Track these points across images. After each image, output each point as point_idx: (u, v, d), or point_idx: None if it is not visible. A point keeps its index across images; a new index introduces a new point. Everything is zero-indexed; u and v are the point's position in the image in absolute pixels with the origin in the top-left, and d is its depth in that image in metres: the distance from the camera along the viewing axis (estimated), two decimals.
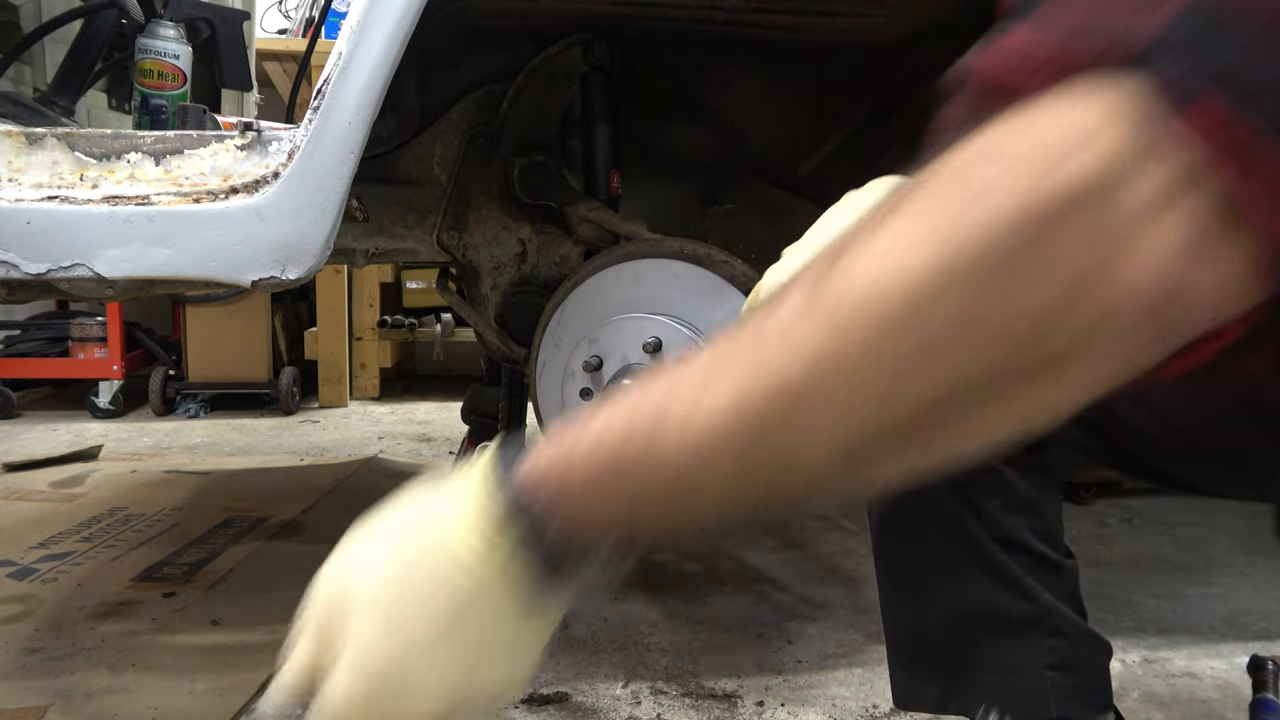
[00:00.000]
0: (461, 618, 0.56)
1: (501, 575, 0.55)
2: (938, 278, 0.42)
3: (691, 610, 1.82)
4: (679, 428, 0.49)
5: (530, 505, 0.54)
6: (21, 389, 3.77)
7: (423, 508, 0.60)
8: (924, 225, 0.43)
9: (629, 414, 0.51)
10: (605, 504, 0.53)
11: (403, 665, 0.56)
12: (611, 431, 0.52)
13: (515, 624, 0.57)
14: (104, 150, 1.16)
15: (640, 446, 0.50)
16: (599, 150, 1.65)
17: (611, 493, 0.52)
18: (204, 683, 1.48)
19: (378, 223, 1.71)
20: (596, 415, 0.53)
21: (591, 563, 0.56)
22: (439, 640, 0.56)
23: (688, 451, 0.49)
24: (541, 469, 0.54)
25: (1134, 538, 2.29)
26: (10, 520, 2.26)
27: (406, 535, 0.60)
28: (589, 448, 0.52)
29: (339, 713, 0.57)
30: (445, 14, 1.21)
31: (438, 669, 0.56)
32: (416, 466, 2.87)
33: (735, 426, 0.47)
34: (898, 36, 1.66)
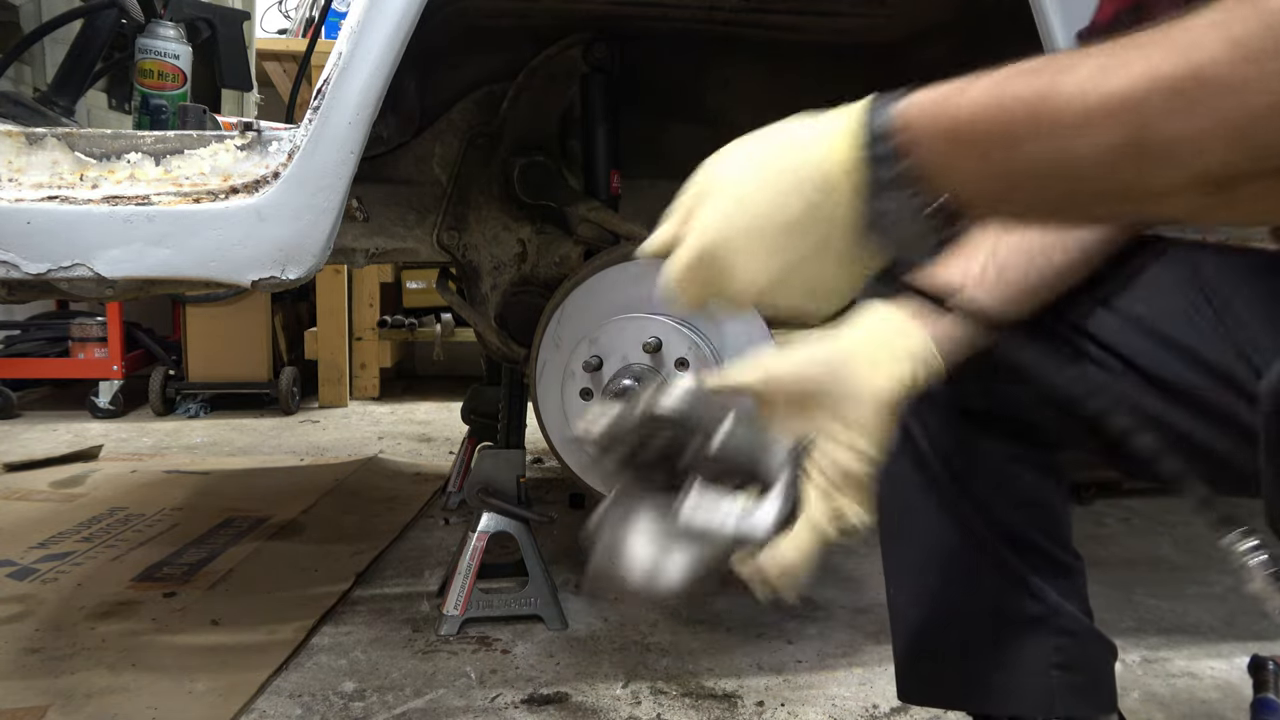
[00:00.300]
0: (801, 219, 0.61)
1: (850, 194, 0.60)
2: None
3: (691, 610, 1.82)
4: (1075, 96, 0.51)
5: (895, 136, 0.59)
6: (21, 389, 3.77)
7: (797, 124, 0.65)
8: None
9: (1016, 83, 0.54)
10: (966, 162, 0.57)
11: (736, 246, 0.63)
12: (996, 95, 0.55)
13: (843, 245, 0.61)
14: (104, 150, 1.16)
15: (1024, 114, 0.53)
16: (599, 150, 1.65)
17: (977, 153, 0.56)
18: (204, 683, 1.48)
19: (378, 223, 1.71)
20: (977, 80, 0.56)
21: (920, 216, 0.59)
22: (775, 233, 0.62)
23: (1076, 122, 0.51)
24: (917, 111, 0.59)
25: (1134, 538, 2.29)
26: (10, 520, 2.26)
27: (778, 139, 0.65)
28: (971, 107, 0.56)
29: (672, 277, 0.65)
30: (445, 14, 1.21)
31: (766, 257, 0.63)
32: (416, 466, 2.87)
33: (1139, 101, 0.49)
34: (898, 36, 1.66)
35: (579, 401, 1.48)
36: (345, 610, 1.78)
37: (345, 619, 1.75)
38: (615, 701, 1.47)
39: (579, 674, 1.55)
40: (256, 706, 1.43)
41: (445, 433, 3.35)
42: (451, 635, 1.67)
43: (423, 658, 1.60)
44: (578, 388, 1.47)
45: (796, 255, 0.63)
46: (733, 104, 1.82)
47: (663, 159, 1.87)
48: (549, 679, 1.53)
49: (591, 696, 1.48)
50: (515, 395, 1.87)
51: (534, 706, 1.45)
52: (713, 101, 1.82)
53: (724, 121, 1.84)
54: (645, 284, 1.40)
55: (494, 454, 1.75)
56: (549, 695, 1.48)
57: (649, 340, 1.41)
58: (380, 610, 1.79)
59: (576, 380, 1.47)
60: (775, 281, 0.64)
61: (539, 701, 1.46)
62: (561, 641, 1.67)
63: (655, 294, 0.70)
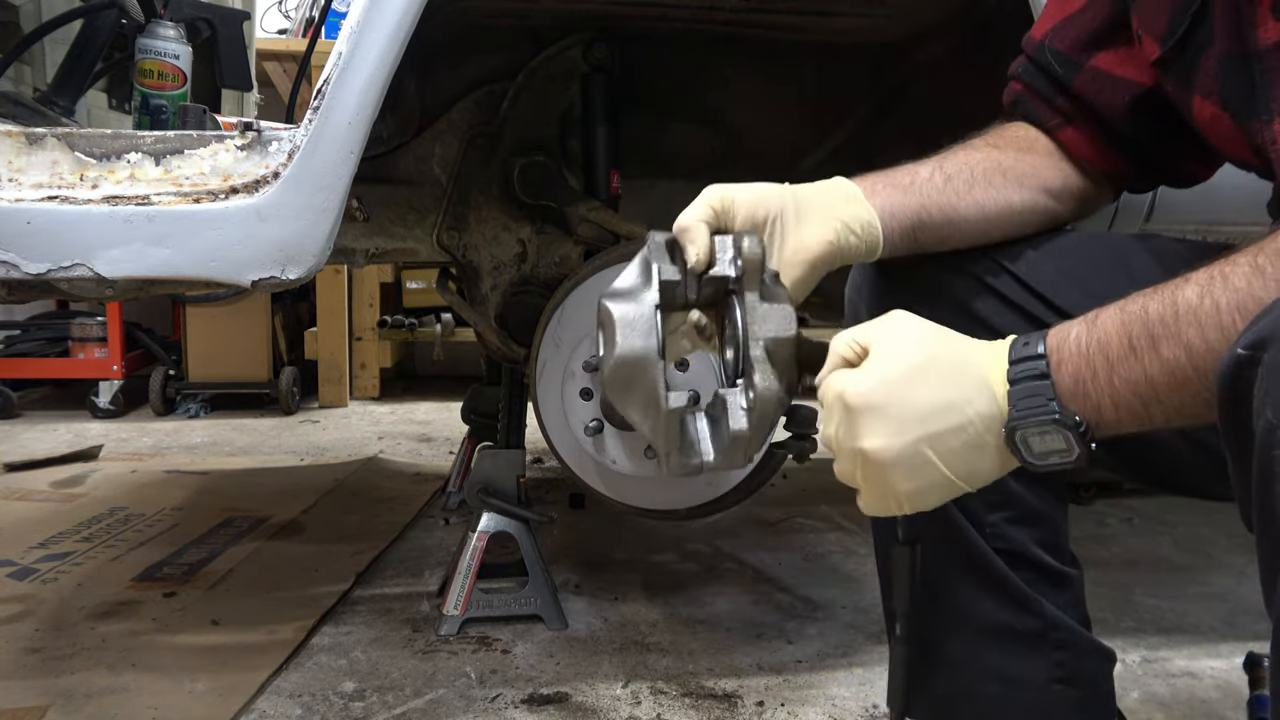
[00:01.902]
0: (954, 410, 0.71)
1: (995, 403, 0.70)
2: None
3: (691, 610, 1.82)
4: (1186, 355, 0.64)
5: (1044, 355, 0.69)
6: (21, 389, 3.77)
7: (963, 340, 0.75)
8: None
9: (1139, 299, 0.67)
10: (1103, 374, 0.67)
11: (893, 402, 0.71)
12: (1127, 318, 0.67)
13: (993, 453, 0.71)
14: (104, 150, 1.16)
15: (1156, 317, 0.66)
16: (599, 150, 1.65)
17: (1115, 370, 0.67)
18: (204, 683, 1.48)
19: (378, 223, 1.71)
20: (1110, 307, 0.69)
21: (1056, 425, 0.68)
22: (930, 415, 0.71)
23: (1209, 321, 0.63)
24: (1063, 338, 0.70)
25: (1134, 538, 2.29)
26: (10, 520, 2.26)
27: (953, 342, 0.74)
28: (1106, 325, 0.68)
29: (846, 391, 0.73)
30: (445, 14, 1.21)
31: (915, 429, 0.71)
32: (416, 466, 2.87)
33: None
34: (898, 36, 1.66)
35: (579, 401, 1.48)
36: (345, 610, 1.78)
37: (345, 619, 1.75)
38: (615, 701, 1.47)
39: (579, 674, 1.55)
40: (256, 706, 1.43)
41: (445, 433, 3.35)
42: (451, 635, 1.67)
43: (423, 658, 1.60)
44: (578, 388, 1.47)
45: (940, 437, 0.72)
46: (733, 104, 1.83)
47: (663, 159, 1.87)
48: (549, 679, 1.53)
49: (591, 696, 1.48)
50: (515, 395, 1.87)
51: (534, 706, 1.45)
52: (713, 101, 1.82)
53: (724, 121, 1.84)
54: None
55: (494, 454, 1.75)
56: (549, 695, 1.48)
57: None
58: (380, 610, 1.79)
59: (576, 380, 1.47)
60: (920, 456, 0.72)
61: (539, 701, 1.46)
62: (561, 641, 1.67)
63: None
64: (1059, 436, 0.68)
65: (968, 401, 0.70)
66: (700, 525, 2.24)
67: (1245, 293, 0.61)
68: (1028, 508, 0.99)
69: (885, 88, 1.79)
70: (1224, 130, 0.86)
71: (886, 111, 1.81)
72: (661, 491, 1.50)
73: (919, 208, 0.93)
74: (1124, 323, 0.67)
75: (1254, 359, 0.55)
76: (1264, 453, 0.54)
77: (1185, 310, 0.64)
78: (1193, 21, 0.84)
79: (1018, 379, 0.69)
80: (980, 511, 0.98)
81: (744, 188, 0.87)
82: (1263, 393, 0.54)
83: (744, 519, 2.33)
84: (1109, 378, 0.67)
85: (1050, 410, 0.68)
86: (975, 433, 0.70)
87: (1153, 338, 0.65)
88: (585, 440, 1.47)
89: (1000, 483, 0.98)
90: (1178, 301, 0.64)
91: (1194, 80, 0.86)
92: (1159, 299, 0.66)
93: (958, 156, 0.97)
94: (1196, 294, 0.64)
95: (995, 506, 0.97)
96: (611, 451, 1.46)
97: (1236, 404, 0.57)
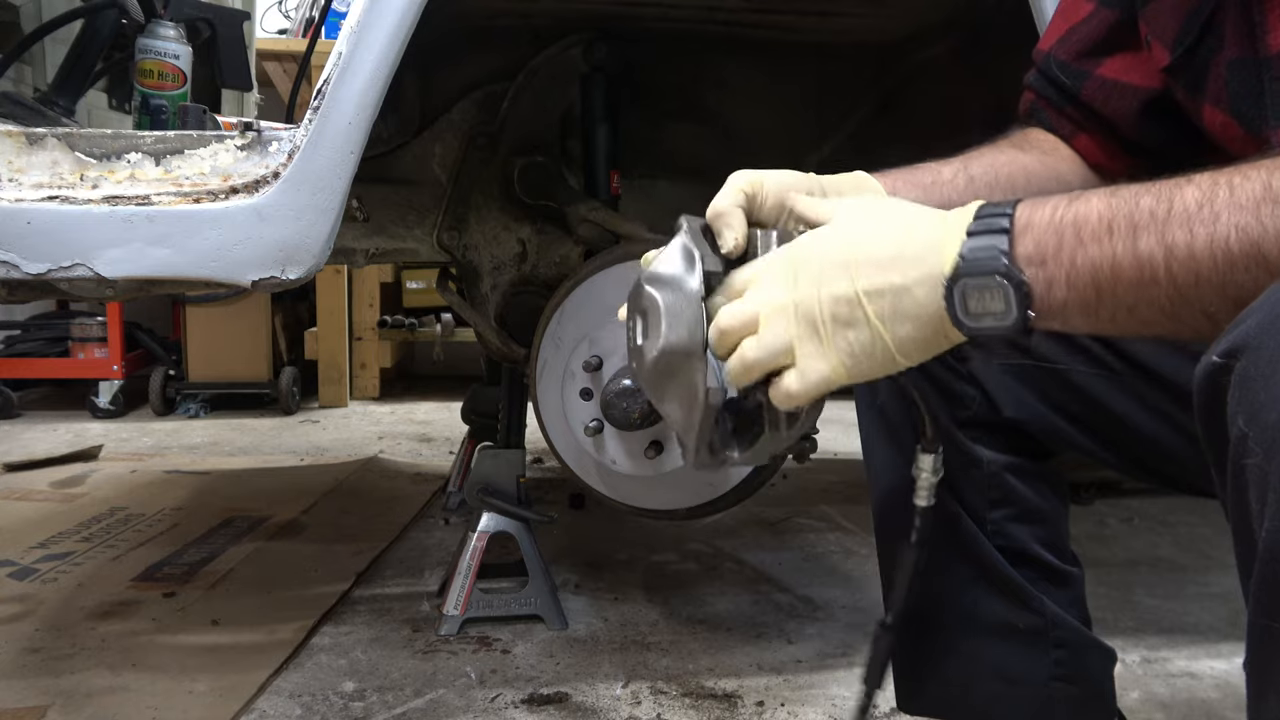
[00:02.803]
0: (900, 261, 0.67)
1: (954, 252, 0.65)
2: None
3: (691, 610, 1.82)
4: (1164, 253, 0.59)
5: (1011, 223, 0.64)
6: (21, 389, 3.77)
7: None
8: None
9: (1131, 220, 0.61)
10: (1075, 284, 0.62)
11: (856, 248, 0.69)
12: (1115, 203, 0.62)
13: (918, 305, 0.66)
14: (104, 150, 1.16)
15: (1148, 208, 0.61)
16: (599, 150, 1.65)
17: (1080, 251, 0.62)
18: (204, 683, 1.48)
19: (378, 223, 1.71)
20: (1096, 197, 0.64)
21: (1003, 290, 0.64)
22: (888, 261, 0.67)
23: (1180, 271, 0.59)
24: (1029, 210, 0.65)
25: (1134, 538, 2.29)
26: (10, 520, 2.26)
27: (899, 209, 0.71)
28: (1088, 212, 0.63)
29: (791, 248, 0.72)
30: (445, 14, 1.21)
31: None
32: (416, 466, 2.87)
33: (1216, 268, 0.58)
34: (898, 36, 1.66)
35: (579, 401, 1.48)
36: (345, 610, 1.78)
37: (345, 619, 1.75)
38: (615, 701, 1.47)
39: (579, 674, 1.55)
40: (256, 706, 1.43)
41: (445, 433, 3.35)
42: (451, 635, 1.67)
43: (423, 658, 1.60)
44: (578, 388, 1.47)
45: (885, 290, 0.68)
46: (733, 104, 1.82)
47: (663, 159, 1.87)
48: (549, 679, 1.53)
49: (591, 696, 1.48)
50: (515, 395, 1.87)
51: (534, 706, 1.45)
52: (712, 101, 1.82)
53: (724, 121, 1.84)
54: None
55: (494, 454, 1.75)
56: (549, 695, 1.48)
57: None
58: (380, 610, 1.79)
59: (576, 380, 1.47)
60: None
61: (539, 701, 1.46)
62: (561, 641, 1.67)
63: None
64: (999, 295, 0.63)
65: (916, 254, 0.67)
66: (700, 525, 2.24)
67: (1250, 211, 0.57)
68: (1029, 505, 0.99)
69: (885, 88, 1.79)
70: (1235, 137, 0.86)
71: (887, 111, 1.81)
72: (661, 491, 1.50)
73: (939, 207, 0.92)
74: (1110, 205, 0.62)
75: (1227, 367, 0.53)
76: (1236, 461, 0.53)
77: (1180, 210, 0.59)
78: (1203, 29, 0.84)
79: (975, 232, 0.65)
80: (981, 508, 0.98)
81: (773, 173, 0.85)
82: (1234, 401, 0.53)
83: (744, 519, 2.33)
84: (1073, 253, 0.62)
85: (999, 263, 0.63)
86: (929, 286, 0.66)
87: (1134, 226, 0.61)
88: (585, 440, 1.47)
89: (1001, 479, 0.98)
90: (1173, 200, 0.60)
91: (1204, 87, 0.86)
92: (1154, 193, 0.61)
93: (983, 158, 0.96)
94: (1196, 198, 0.59)
95: (996, 504, 0.98)
96: (611, 451, 1.46)
97: (1212, 412, 0.55)
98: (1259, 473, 0.51)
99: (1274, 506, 0.50)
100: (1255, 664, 0.55)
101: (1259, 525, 0.52)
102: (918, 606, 1.04)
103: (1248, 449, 0.52)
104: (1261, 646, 0.54)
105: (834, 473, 2.78)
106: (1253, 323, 0.53)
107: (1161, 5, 0.89)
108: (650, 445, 1.42)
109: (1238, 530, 0.55)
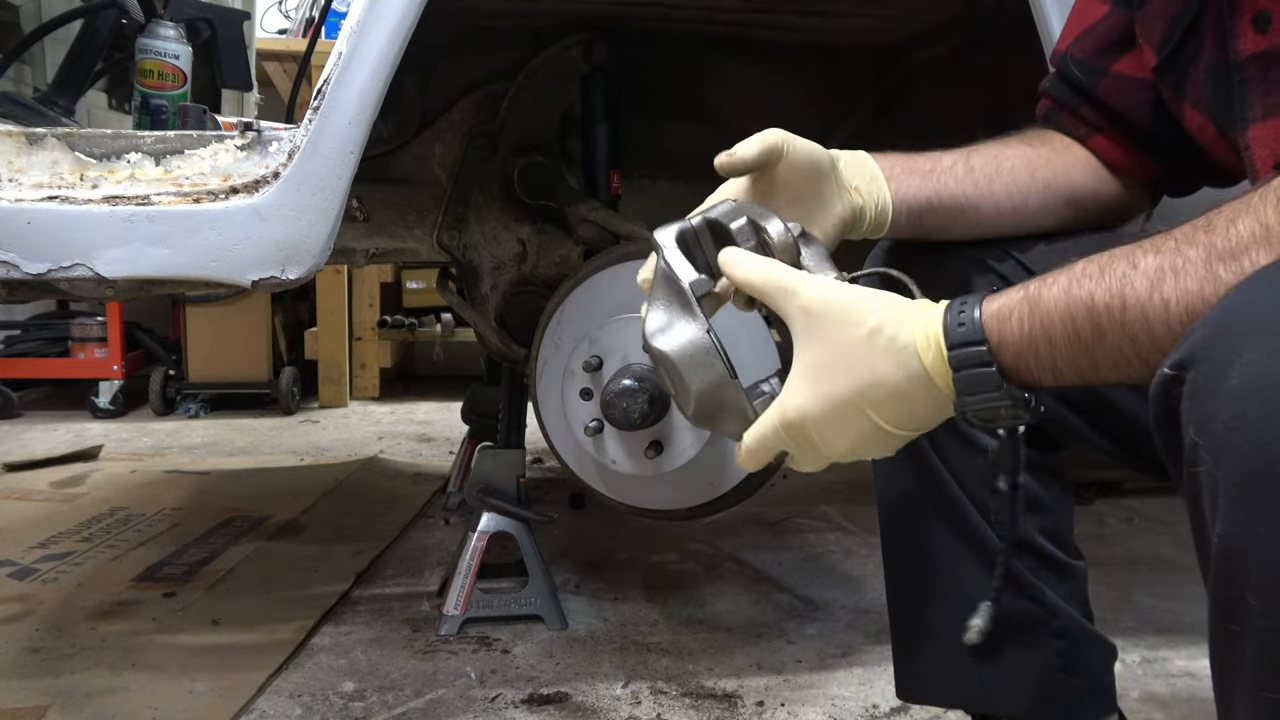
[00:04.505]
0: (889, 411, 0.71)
1: (935, 387, 0.69)
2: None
3: (691, 610, 1.82)
4: (1132, 347, 0.64)
5: (984, 340, 0.68)
6: (21, 389, 3.77)
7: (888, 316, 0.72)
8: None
9: (1089, 293, 0.65)
10: (1048, 358, 0.67)
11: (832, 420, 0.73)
12: (1072, 304, 0.66)
13: (925, 416, 0.72)
14: (104, 150, 1.16)
15: (1105, 310, 0.64)
16: (599, 150, 1.65)
17: (1057, 352, 0.66)
18: (204, 683, 1.48)
19: (378, 223, 1.71)
20: (1050, 283, 0.67)
21: (1002, 402, 0.68)
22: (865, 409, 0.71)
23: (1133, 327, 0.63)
24: (1004, 319, 0.68)
25: (1134, 538, 2.29)
26: (10, 520, 2.26)
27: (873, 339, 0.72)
28: (1052, 312, 0.66)
29: (785, 414, 0.74)
30: (445, 14, 1.21)
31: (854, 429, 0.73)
32: (416, 466, 2.87)
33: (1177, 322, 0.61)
34: (898, 36, 1.66)
35: (579, 401, 1.48)
36: (345, 610, 1.78)
37: (345, 619, 1.75)
38: (615, 701, 1.47)
39: (579, 674, 1.55)
40: (256, 706, 1.43)
41: (445, 433, 3.35)
42: (451, 635, 1.67)
43: (423, 658, 1.60)
44: (578, 388, 1.47)
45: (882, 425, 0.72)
46: (732, 104, 1.82)
47: (663, 159, 1.87)
48: (549, 679, 1.53)
49: (591, 696, 1.48)
50: (515, 395, 1.87)
51: (534, 706, 1.45)
52: (712, 101, 1.82)
53: (724, 121, 1.84)
54: None
55: (494, 454, 1.75)
56: (549, 695, 1.48)
57: None
58: (380, 610, 1.79)
59: (576, 380, 1.47)
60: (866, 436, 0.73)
61: (539, 701, 1.46)
62: (561, 641, 1.67)
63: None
64: (1007, 411, 0.69)
65: (904, 383, 0.70)
66: (700, 525, 2.24)
67: (1196, 295, 0.61)
68: (1033, 495, 0.99)
69: (886, 88, 1.79)
70: (1210, 137, 0.89)
71: (887, 112, 1.81)
72: (661, 491, 1.50)
73: (932, 193, 0.94)
74: (1069, 307, 0.66)
75: (1179, 378, 0.56)
76: (1189, 470, 0.55)
77: (1133, 304, 0.63)
78: (1185, 33, 0.87)
79: (961, 366, 0.68)
80: (984, 496, 0.98)
81: (799, 139, 0.89)
82: (1186, 411, 0.55)
83: (744, 519, 2.33)
84: (1051, 358, 0.67)
85: (1001, 396, 0.68)
86: (915, 403, 0.71)
87: (1099, 329, 0.64)
88: (585, 440, 1.47)
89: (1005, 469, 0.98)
90: (1125, 295, 0.63)
91: (1185, 90, 0.89)
92: (1105, 287, 0.64)
93: (989, 150, 0.98)
94: (1145, 289, 0.63)
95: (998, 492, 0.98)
96: (611, 451, 1.46)
97: (1167, 422, 0.58)
98: (1209, 480, 0.54)
99: (1224, 511, 0.52)
100: (1218, 667, 0.56)
101: (1211, 530, 0.54)
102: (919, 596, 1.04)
103: (1198, 457, 0.54)
104: (1222, 647, 0.55)
105: (834, 473, 2.77)
106: (1199, 335, 0.55)
107: (1151, 9, 0.92)
108: (650, 445, 1.42)
109: (1195, 536, 0.58)
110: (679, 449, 1.40)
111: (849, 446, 0.74)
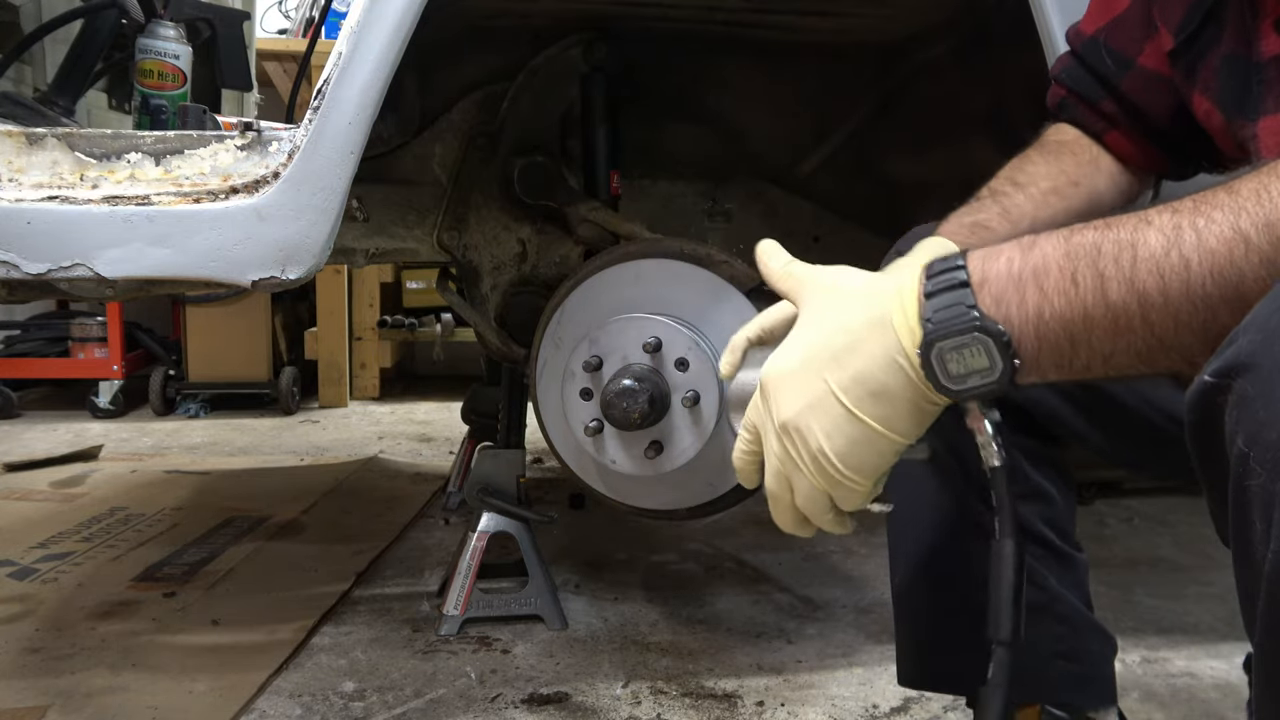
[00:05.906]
0: (870, 391, 0.66)
1: (893, 333, 0.65)
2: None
3: (691, 610, 1.82)
4: (1139, 302, 0.57)
5: (963, 265, 0.63)
6: (21, 389, 3.77)
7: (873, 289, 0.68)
8: None
9: (1091, 256, 0.59)
10: (1046, 337, 0.60)
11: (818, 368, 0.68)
12: (1072, 249, 0.60)
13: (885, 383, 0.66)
14: (104, 150, 1.16)
15: (1111, 252, 0.58)
16: (599, 150, 1.65)
17: (1046, 303, 0.60)
18: (204, 683, 1.48)
19: (378, 223, 1.71)
20: (1053, 235, 0.61)
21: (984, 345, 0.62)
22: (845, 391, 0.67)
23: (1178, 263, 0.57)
24: (991, 257, 0.63)
25: (1134, 538, 2.29)
26: (10, 520, 2.26)
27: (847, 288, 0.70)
28: (1044, 258, 0.60)
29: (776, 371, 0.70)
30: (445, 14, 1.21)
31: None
32: (416, 466, 2.87)
33: (1196, 313, 0.56)
34: (898, 36, 1.66)
35: (579, 401, 1.47)
36: (345, 610, 1.78)
37: (345, 619, 1.75)
38: (615, 701, 1.47)
39: (579, 674, 1.55)
40: (256, 706, 1.43)
41: (445, 433, 3.35)
42: (451, 635, 1.67)
43: (423, 658, 1.60)
44: (578, 388, 1.47)
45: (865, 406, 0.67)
46: (733, 104, 1.82)
47: (663, 159, 1.87)
48: (549, 679, 1.53)
49: (591, 696, 1.48)
50: (515, 395, 1.87)
51: (534, 706, 1.45)
52: (713, 101, 1.81)
53: (724, 121, 1.84)
54: (645, 284, 1.40)
55: (494, 454, 1.75)
56: (549, 695, 1.48)
57: (649, 340, 1.41)
58: (380, 610, 1.79)
59: (576, 380, 1.47)
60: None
61: (539, 701, 1.46)
62: (561, 641, 1.67)
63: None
64: (979, 351, 0.61)
65: (863, 334, 0.66)
66: (700, 525, 2.24)
67: (1225, 259, 0.55)
68: (1034, 485, 0.99)
69: (886, 88, 1.79)
70: (1216, 125, 0.89)
71: (887, 112, 1.81)
72: (661, 491, 1.49)
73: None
74: (1068, 254, 0.60)
75: (1223, 386, 0.52)
76: (1237, 483, 0.52)
77: (1146, 257, 0.57)
78: (1205, 19, 0.87)
79: (934, 291, 0.63)
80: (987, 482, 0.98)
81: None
82: (1234, 421, 0.52)
83: (744, 519, 2.33)
84: (1038, 308, 0.60)
85: (970, 318, 0.61)
86: (886, 363, 0.65)
87: (1101, 276, 0.58)
88: (585, 440, 1.47)
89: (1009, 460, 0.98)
90: (1136, 245, 0.57)
91: (1196, 75, 0.88)
92: (1114, 238, 0.58)
93: (1016, 189, 0.96)
94: (1161, 244, 0.57)
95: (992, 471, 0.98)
96: (611, 451, 1.46)
97: (1206, 432, 0.54)
98: (1263, 493, 0.50)
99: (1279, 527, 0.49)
100: (1263, 690, 0.53)
101: (1264, 546, 0.50)
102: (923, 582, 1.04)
103: (1249, 469, 0.50)
104: (1273, 669, 0.52)
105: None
106: (1246, 341, 0.52)
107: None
108: (650, 445, 1.42)
109: (1239, 552, 0.54)
110: (679, 449, 1.40)
111: (796, 411, 0.68)
